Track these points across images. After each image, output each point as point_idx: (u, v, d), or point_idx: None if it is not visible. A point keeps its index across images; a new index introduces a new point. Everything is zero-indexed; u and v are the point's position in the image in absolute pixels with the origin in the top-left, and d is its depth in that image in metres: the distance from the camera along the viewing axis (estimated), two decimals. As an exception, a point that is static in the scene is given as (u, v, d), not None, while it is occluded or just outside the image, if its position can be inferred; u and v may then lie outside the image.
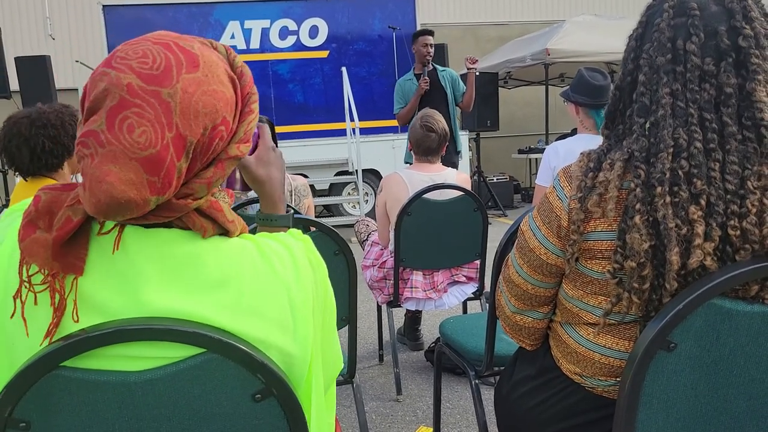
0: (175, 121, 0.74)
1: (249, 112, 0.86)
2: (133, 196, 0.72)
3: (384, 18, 8.44)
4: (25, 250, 0.76)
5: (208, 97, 0.77)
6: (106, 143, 0.72)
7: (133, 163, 0.72)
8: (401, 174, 3.06)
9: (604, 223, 1.05)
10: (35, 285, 0.77)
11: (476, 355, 1.97)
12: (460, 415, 2.72)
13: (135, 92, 0.73)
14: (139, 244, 0.78)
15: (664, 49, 1.04)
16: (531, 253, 1.18)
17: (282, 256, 0.86)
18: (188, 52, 0.78)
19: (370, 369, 3.32)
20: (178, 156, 0.75)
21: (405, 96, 5.11)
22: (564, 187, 1.12)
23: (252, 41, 8.29)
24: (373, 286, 3.11)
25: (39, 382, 0.75)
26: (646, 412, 0.97)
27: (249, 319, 0.81)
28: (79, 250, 0.77)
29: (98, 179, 0.71)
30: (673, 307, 0.92)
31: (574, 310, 1.15)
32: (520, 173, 11.40)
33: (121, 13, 8.00)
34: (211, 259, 0.80)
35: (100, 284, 0.77)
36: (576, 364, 1.15)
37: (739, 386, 0.97)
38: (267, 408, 0.82)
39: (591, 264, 1.09)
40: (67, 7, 11.22)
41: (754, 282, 0.95)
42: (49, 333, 0.76)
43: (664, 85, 1.03)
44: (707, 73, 1.01)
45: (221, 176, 0.82)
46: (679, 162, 0.98)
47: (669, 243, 0.96)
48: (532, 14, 12.96)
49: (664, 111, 1.02)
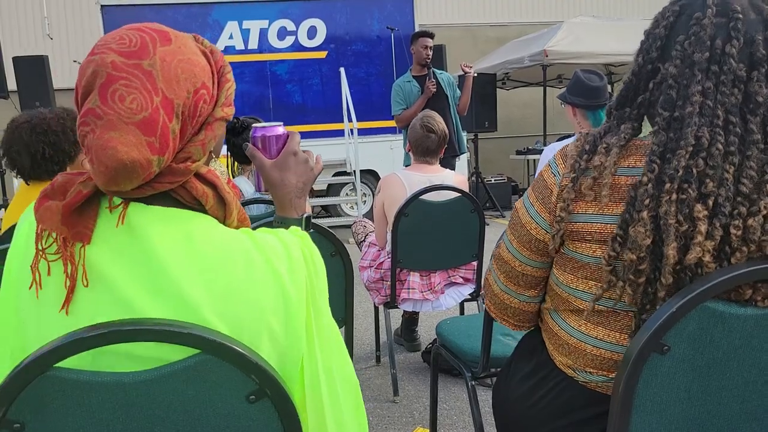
0: (160, 86, 0.82)
1: (225, 80, 0.94)
2: (136, 156, 0.79)
3: (382, 19, 8.43)
4: (39, 218, 0.84)
5: (185, 64, 0.86)
6: (102, 115, 0.79)
7: (131, 127, 0.79)
8: (399, 175, 3.06)
9: (595, 206, 1.06)
10: (49, 254, 0.83)
11: (473, 356, 1.98)
12: (457, 416, 2.72)
13: (119, 67, 0.81)
14: (142, 219, 0.84)
15: (704, 47, 1.02)
16: (522, 228, 1.20)
17: (276, 248, 0.89)
18: (159, 30, 0.87)
19: (367, 370, 3.32)
20: (169, 117, 0.82)
21: (406, 98, 5.10)
22: (559, 165, 1.14)
23: (250, 41, 8.29)
24: (370, 287, 3.11)
25: (33, 383, 0.75)
26: (640, 415, 0.97)
27: (239, 304, 0.83)
28: (87, 220, 0.84)
29: (102, 147, 0.79)
30: (667, 310, 0.92)
31: (563, 296, 1.16)
32: (517, 174, 11.40)
33: (119, 13, 7.98)
34: (206, 240, 0.85)
35: (105, 255, 0.83)
36: (568, 356, 1.16)
37: (733, 389, 0.97)
38: (261, 409, 0.82)
39: (580, 247, 1.09)
40: (65, 7, 11.20)
41: (746, 285, 0.95)
42: (67, 300, 0.81)
43: (698, 82, 1.01)
44: (739, 78, 1.01)
45: (213, 137, 0.90)
46: (696, 160, 0.98)
47: (667, 238, 0.96)
48: (530, 15, 12.97)
49: (693, 108, 1.00)
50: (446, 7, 12.62)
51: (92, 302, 0.81)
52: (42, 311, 0.83)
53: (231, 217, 0.93)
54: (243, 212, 0.97)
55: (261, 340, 0.84)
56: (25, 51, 9.63)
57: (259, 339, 0.84)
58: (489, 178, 9.60)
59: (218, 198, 0.91)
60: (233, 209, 0.93)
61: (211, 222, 0.89)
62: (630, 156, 1.06)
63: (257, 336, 0.84)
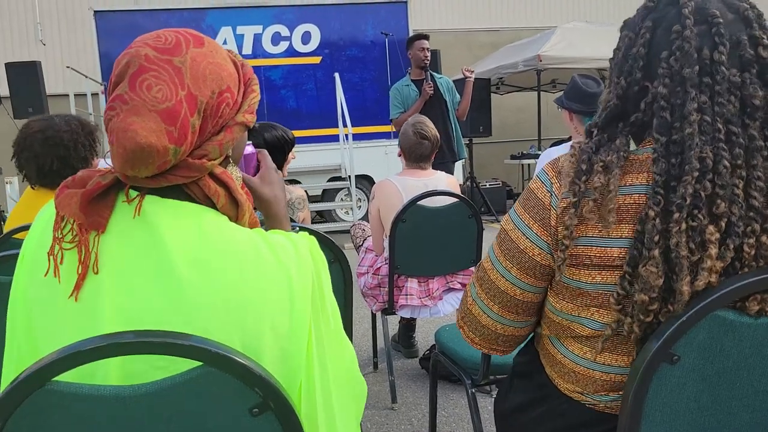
0: (187, 82, 0.86)
1: (251, 91, 0.98)
2: (153, 141, 0.82)
3: (377, 24, 8.44)
4: (58, 204, 0.88)
5: (214, 66, 0.90)
6: (129, 100, 0.83)
7: (153, 115, 0.83)
8: (393, 181, 3.05)
9: (595, 229, 1.01)
10: (65, 242, 0.86)
11: (472, 363, 1.96)
12: (456, 423, 2.70)
13: (151, 60, 0.86)
14: (156, 210, 0.87)
15: (692, 60, 0.96)
16: (522, 254, 1.10)
17: (285, 246, 0.92)
18: (195, 35, 0.92)
19: (365, 377, 3.27)
20: (191, 112, 0.86)
21: (404, 101, 5.08)
22: (553, 183, 1.06)
23: (244, 47, 8.27)
24: (367, 294, 3.09)
25: (30, 397, 0.73)
26: (649, 426, 0.96)
27: (244, 295, 0.84)
28: (104, 209, 0.87)
29: (124, 129, 0.82)
30: (677, 320, 0.91)
31: (564, 324, 1.09)
32: (512, 179, 11.41)
33: (112, 18, 7.96)
34: (216, 233, 0.88)
35: (117, 244, 0.86)
36: (576, 384, 1.10)
37: (743, 398, 0.95)
38: (264, 423, 0.80)
39: (578, 274, 1.03)
40: (57, 13, 11.16)
41: (753, 301, 0.92)
42: (77, 287, 0.84)
43: (692, 100, 0.96)
44: (734, 85, 0.96)
45: (231, 140, 0.93)
46: (704, 183, 0.93)
47: (680, 272, 0.92)
48: (524, 21, 13.00)
49: (692, 129, 0.94)
50: (440, 13, 12.65)
51: (99, 290, 0.84)
52: (53, 298, 0.85)
53: (243, 218, 0.95)
54: (255, 217, 0.99)
55: (263, 334, 0.84)
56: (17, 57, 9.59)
57: (261, 333, 0.84)
58: (484, 183, 9.61)
59: (230, 198, 0.94)
60: (245, 211, 0.96)
61: (222, 219, 0.92)
62: (627, 174, 1.01)
63: (259, 329, 0.84)
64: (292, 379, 0.88)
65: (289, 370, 0.87)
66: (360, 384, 1.03)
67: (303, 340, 0.88)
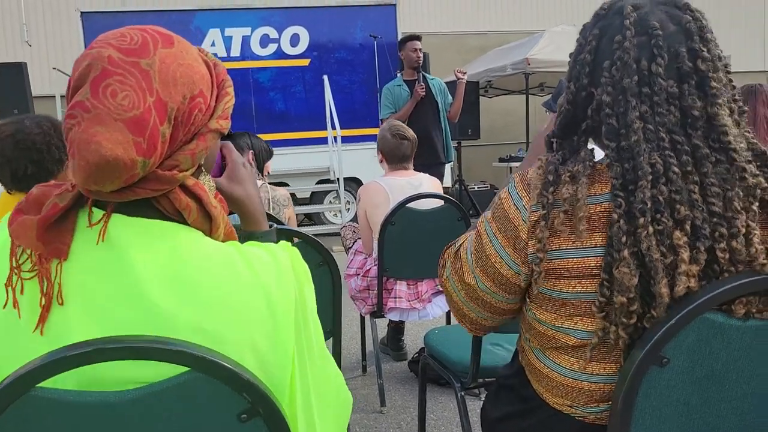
0: (155, 87, 0.79)
1: (225, 93, 0.91)
2: (120, 154, 0.75)
3: (365, 26, 8.43)
4: (13, 233, 0.80)
5: (185, 69, 0.83)
6: (91, 108, 0.76)
7: (119, 124, 0.76)
8: (379, 182, 3.07)
9: (568, 241, 1.01)
10: (24, 272, 0.79)
11: (461, 366, 1.96)
12: (445, 426, 2.70)
13: (116, 63, 0.78)
14: (123, 233, 0.80)
15: (630, 71, 0.99)
16: (487, 259, 1.11)
17: (264, 260, 0.86)
18: (163, 33, 0.85)
19: (353, 380, 3.28)
20: (161, 120, 0.79)
21: (395, 101, 5.06)
22: (522, 196, 1.06)
23: (233, 49, 8.24)
24: (356, 297, 3.09)
25: (15, 403, 0.72)
26: (639, 429, 0.96)
27: (220, 318, 0.79)
28: (64, 235, 0.79)
29: (86, 140, 0.75)
30: (666, 323, 0.91)
31: (549, 333, 1.09)
32: (500, 182, 11.44)
33: (99, 19, 7.91)
34: (189, 254, 0.82)
35: (83, 271, 0.79)
36: (565, 397, 1.09)
37: (732, 400, 0.96)
38: (253, 428, 0.79)
39: (558, 285, 1.03)
40: (44, 14, 11.07)
41: (739, 304, 0.93)
42: (41, 320, 0.77)
43: (633, 108, 0.99)
44: (672, 95, 0.98)
45: (204, 149, 0.86)
46: (659, 188, 0.95)
47: (656, 275, 0.93)
48: (513, 24, 13.04)
49: (637, 136, 0.97)
50: (429, 16, 12.66)
51: (67, 322, 0.77)
52: (14, 332, 0.78)
53: (218, 231, 0.89)
54: (230, 226, 0.93)
55: (244, 354, 0.80)
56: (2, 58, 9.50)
57: (241, 353, 0.80)
58: (472, 186, 9.63)
59: (203, 212, 0.87)
60: (220, 224, 0.89)
61: (195, 235, 0.85)
62: (594, 184, 1.02)
63: (239, 351, 0.80)
64: (279, 393, 0.84)
65: (275, 385, 0.83)
66: (346, 400, 0.99)
67: (287, 359, 0.84)
